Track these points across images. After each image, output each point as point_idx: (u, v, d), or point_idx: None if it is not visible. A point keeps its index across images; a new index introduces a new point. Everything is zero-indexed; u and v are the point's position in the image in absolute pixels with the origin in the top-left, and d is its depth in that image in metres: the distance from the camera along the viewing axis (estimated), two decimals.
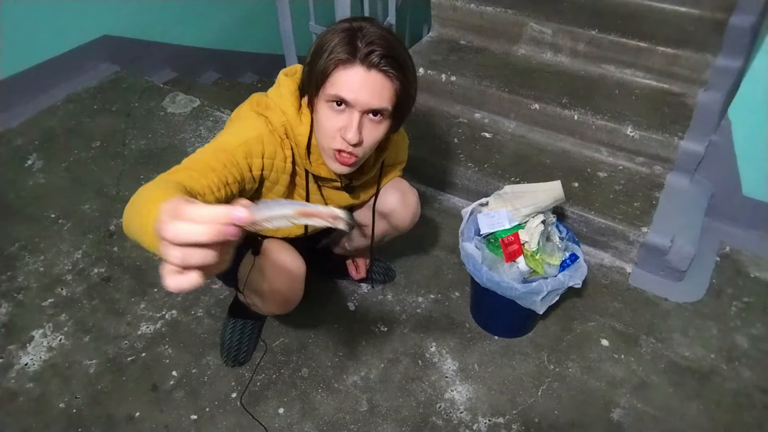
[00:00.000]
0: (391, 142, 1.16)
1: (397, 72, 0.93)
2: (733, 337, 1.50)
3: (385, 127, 0.99)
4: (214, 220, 0.46)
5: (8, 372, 1.37)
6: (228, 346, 1.40)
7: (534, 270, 1.33)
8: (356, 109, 0.93)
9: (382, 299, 1.58)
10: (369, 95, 0.92)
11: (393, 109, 0.97)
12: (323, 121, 0.96)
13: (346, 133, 0.94)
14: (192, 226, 0.46)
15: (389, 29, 0.96)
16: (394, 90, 0.94)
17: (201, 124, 2.19)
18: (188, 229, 0.46)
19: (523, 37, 2.14)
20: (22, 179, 1.90)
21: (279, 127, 1.02)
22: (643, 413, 1.33)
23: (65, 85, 2.30)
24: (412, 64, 0.98)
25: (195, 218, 0.46)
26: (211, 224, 0.46)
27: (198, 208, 0.47)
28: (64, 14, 2.20)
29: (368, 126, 0.96)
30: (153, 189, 0.74)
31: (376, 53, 0.90)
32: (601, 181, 1.79)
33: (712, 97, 1.87)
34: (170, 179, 0.82)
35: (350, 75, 0.91)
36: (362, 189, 1.23)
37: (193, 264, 0.47)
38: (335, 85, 0.92)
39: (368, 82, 0.91)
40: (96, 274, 1.61)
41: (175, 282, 0.48)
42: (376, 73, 0.91)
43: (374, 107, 0.93)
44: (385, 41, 0.91)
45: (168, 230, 0.46)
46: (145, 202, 0.69)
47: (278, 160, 1.04)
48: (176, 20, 2.68)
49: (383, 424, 1.30)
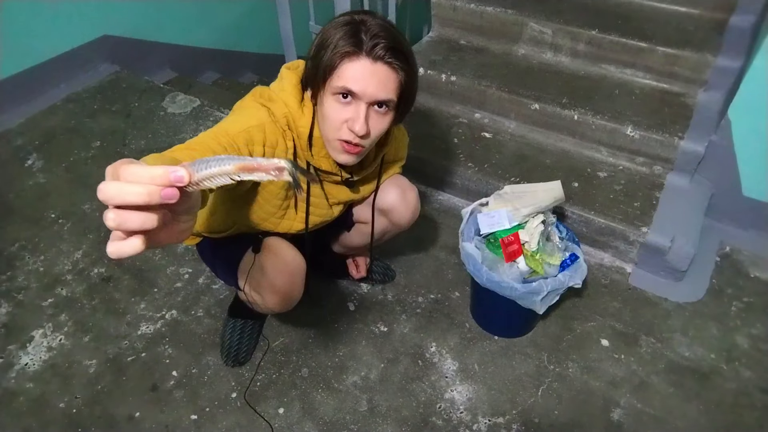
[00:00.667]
0: (391, 138, 1.16)
1: (402, 63, 0.94)
2: (733, 337, 1.50)
3: (390, 118, 1.01)
4: (151, 181, 0.44)
5: (8, 372, 1.37)
6: (228, 346, 1.40)
7: (534, 270, 1.33)
8: (363, 101, 0.94)
9: (382, 299, 1.58)
10: (375, 87, 0.93)
11: (397, 100, 0.98)
12: (330, 113, 0.97)
13: (354, 125, 0.95)
14: (125, 186, 0.43)
15: (390, 21, 0.98)
16: (399, 81, 0.96)
17: (201, 124, 2.19)
18: (120, 189, 0.43)
19: (523, 37, 2.14)
20: (22, 179, 1.90)
21: (281, 119, 1.02)
22: (643, 413, 1.33)
23: (65, 85, 2.31)
24: (414, 57, 0.99)
25: (131, 178, 0.44)
26: (147, 185, 0.43)
27: (136, 168, 0.44)
28: (64, 14, 2.21)
29: (374, 117, 0.97)
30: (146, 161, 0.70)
31: (381, 45, 0.91)
32: (601, 181, 1.79)
33: (712, 97, 1.87)
34: (167, 155, 0.80)
35: (357, 67, 0.92)
36: (362, 184, 1.24)
37: (130, 228, 0.44)
38: (342, 77, 0.93)
39: (374, 74, 0.92)
40: (96, 274, 1.61)
41: (114, 247, 0.44)
42: (381, 65, 0.92)
43: (381, 99, 0.95)
44: (389, 33, 0.93)
45: (101, 190, 0.43)
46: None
47: (279, 150, 1.04)
48: (176, 20, 2.68)
49: (383, 424, 1.30)
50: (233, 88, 2.89)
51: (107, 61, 2.45)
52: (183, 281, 1.60)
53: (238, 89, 2.88)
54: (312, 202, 1.18)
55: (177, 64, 2.74)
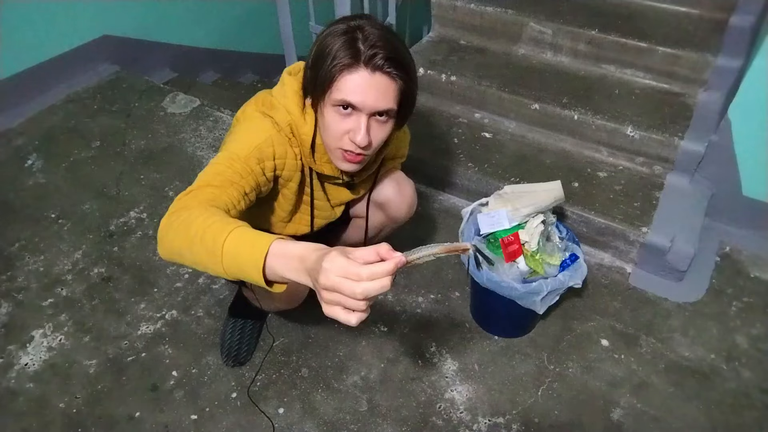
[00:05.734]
0: (392, 138, 1.17)
1: (401, 72, 0.94)
2: (733, 337, 1.50)
3: (391, 125, 1.01)
4: (389, 272, 0.61)
5: (8, 372, 1.37)
6: (228, 346, 1.40)
7: (534, 270, 1.33)
8: (363, 112, 0.94)
9: (382, 299, 1.58)
10: (375, 98, 0.93)
11: (398, 108, 0.98)
12: (331, 124, 0.97)
13: (355, 137, 0.95)
14: (377, 283, 0.60)
15: (387, 27, 0.97)
16: (398, 90, 0.95)
17: (201, 124, 2.19)
18: (376, 287, 0.60)
19: (523, 37, 2.14)
20: (22, 179, 1.90)
21: (285, 126, 1.03)
22: (643, 413, 1.33)
23: (65, 85, 2.30)
24: (413, 61, 0.99)
25: (375, 276, 0.60)
26: (388, 276, 0.61)
27: (374, 268, 0.61)
28: (64, 14, 2.20)
29: (375, 127, 0.98)
30: (202, 216, 0.79)
31: (380, 56, 0.91)
32: (601, 181, 1.79)
33: (712, 97, 1.86)
34: (201, 199, 0.86)
35: (356, 79, 0.92)
36: (362, 184, 1.24)
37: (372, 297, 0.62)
38: (341, 90, 0.92)
39: (373, 85, 0.92)
40: (96, 274, 1.61)
41: (357, 318, 0.62)
42: (380, 75, 0.92)
43: (381, 109, 0.94)
44: (387, 42, 0.92)
45: (358, 292, 0.60)
46: (207, 232, 0.76)
47: (290, 158, 1.06)
48: (176, 20, 2.68)
49: (383, 424, 1.30)
50: (233, 88, 2.90)
51: (107, 61, 2.44)
52: (183, 281, 1.60)
53: (238, 89, 2.89)
54: (315, 206, 1.19)
55: (177, 64, 2.73)
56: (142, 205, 1.83)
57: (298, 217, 1.20)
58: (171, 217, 0.82)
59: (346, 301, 0.61)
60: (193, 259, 0.78)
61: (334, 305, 0.62)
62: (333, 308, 0.63)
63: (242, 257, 0.71)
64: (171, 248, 0.81)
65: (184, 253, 0.79)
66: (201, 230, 0.76)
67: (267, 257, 0.69)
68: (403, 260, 0.62)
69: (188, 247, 0.77)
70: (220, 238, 0.73)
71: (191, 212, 0.81)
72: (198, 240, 0.75)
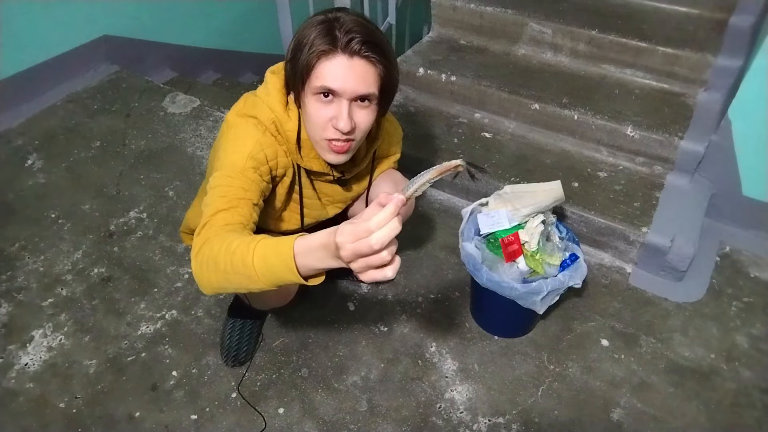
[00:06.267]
0: (381, 132, 1.17)
1: (379, 56, 0.94)
2: (733, 337, 1.50)
3: (374, 111, 1.01)
4: (393, 214, 0.61)
5: (8, 372, 1.37)
6: (228, 346, 1.40)
7: (534, 270, 1.33)
8: (344, 98, 0.95)
9: (382, 299, 1.58)
10: (354, 82, 0.93)
11: (379, 93, 0.98)
12: (313, 113, 0.98)
13: (337, 122, 0.96)
14: (387, 229, 0.60)
15: (364, 16, 0.98)
16: (378, 74, 0.96)
17: (201, 124, 2.19)
18: (388, 232, 0.60)
19: (523, 37, 2.14)
20: (22, 179, 1.90)
21: (270, 125, 1.03)
22: (643, 413, 1.33)
23: (65, 85, 2.30)
24: (391, 47, 1.00)
25: (383, 223, 0.60)
26: (395, 217, 0.61)
27: (377, 217, 0.61)
28: (64, 14, 2.20)
29: (357, 112, 0.98)
30: (224, 245, 0.81)
31: (356, 40, 0.91)
32: (601, 181, 1.79)
33: (712, 97, 1.87)
34: (217, 228, 0.88)
35: (334, 65, 0.92)
36: (355, 182, 1.24)
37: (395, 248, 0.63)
38: (320, 77, 0.93)
39: (352, 70, 0.93)
40: (96, 274, 1.61)
41: (392, 270, 0.63)
42: (358, 59, 0.93)
43: (361, 93, 0.95)
44: (363, 27, 0.93)
45: (374, 244, 0.60)
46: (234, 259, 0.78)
47: (281, 156, 1.06)
48: (176, 20, 2.68)
49: (383, 424, 1.30)
50: (233, 88, 2.89)
51: (107, 61, 2.44)
52: (183, 281, 1.60)
53: (238, 89, 2.88)
54: (305, 204, 1.19)
55: (177, 64, 2.73)
56: (142, 205, 1.83)
57: (287, 215, 1.20)
58: (198, 258, 0.85)
59: (370, 260, 0.62)
60: (235, 287, 0.82)
61: (366, 270, 0.64)
62: (366, 273, 0.64)
63: (275, 268, 0.73)
64: (211, 285, 0.84)
65: (224, 285, 0.83)
66: (228, 260, 0.79)
67: (295, 258, 0.70)
68: (402, 199, 0.62)
69: (225, 279, 0.80)
70: (248, 260, 0.75)
71: (212, 246, 0.83)
72: (231, 270, 0.78)
